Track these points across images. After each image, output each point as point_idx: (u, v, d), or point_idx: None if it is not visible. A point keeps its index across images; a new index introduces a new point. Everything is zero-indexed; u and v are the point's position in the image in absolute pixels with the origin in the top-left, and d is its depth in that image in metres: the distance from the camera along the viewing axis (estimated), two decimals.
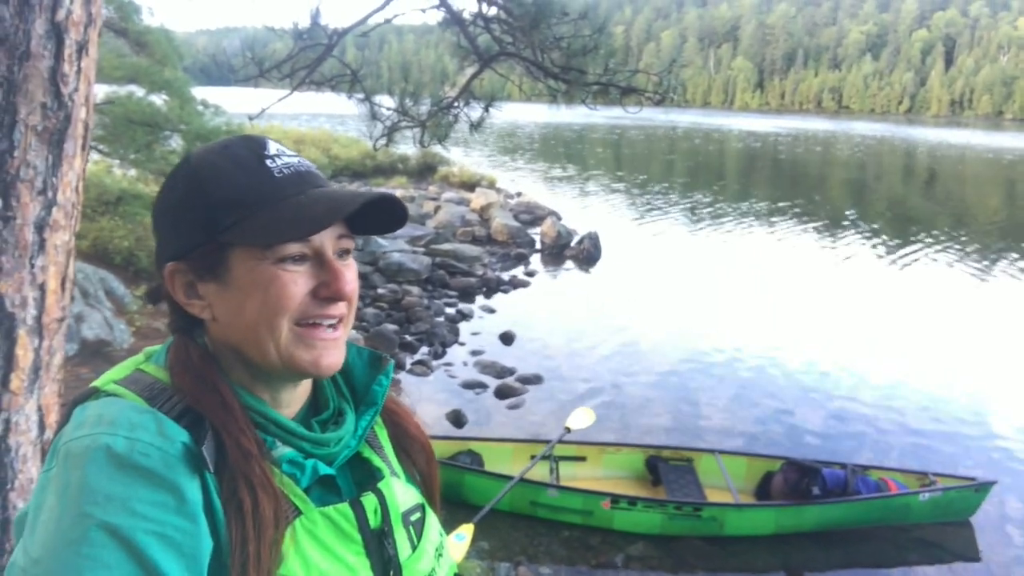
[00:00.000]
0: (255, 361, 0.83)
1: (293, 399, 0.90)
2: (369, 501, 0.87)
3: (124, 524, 0.67)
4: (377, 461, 0.94)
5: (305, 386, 0.91)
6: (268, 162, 0.83)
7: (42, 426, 1.97)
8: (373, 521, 0.86)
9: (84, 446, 0.71)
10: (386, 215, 0.89)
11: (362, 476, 0.92)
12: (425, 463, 1.02)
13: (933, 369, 8.59)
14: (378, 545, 0.86)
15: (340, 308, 0.85)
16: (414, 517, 0.93)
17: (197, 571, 0.70)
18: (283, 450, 0.83)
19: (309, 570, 0.78)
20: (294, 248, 0.81)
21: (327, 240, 0.84)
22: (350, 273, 0.85)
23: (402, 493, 0.93)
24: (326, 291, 0.83)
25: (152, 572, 0.67)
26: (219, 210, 0.81)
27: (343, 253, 0.86)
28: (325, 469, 0.85)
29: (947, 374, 8.45)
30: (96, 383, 0.81)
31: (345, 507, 0.85)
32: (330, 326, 0.85)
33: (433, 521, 0.96)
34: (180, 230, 0.83)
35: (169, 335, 0.90)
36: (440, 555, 0.94)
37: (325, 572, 0.79)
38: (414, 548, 0.90)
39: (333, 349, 0.85)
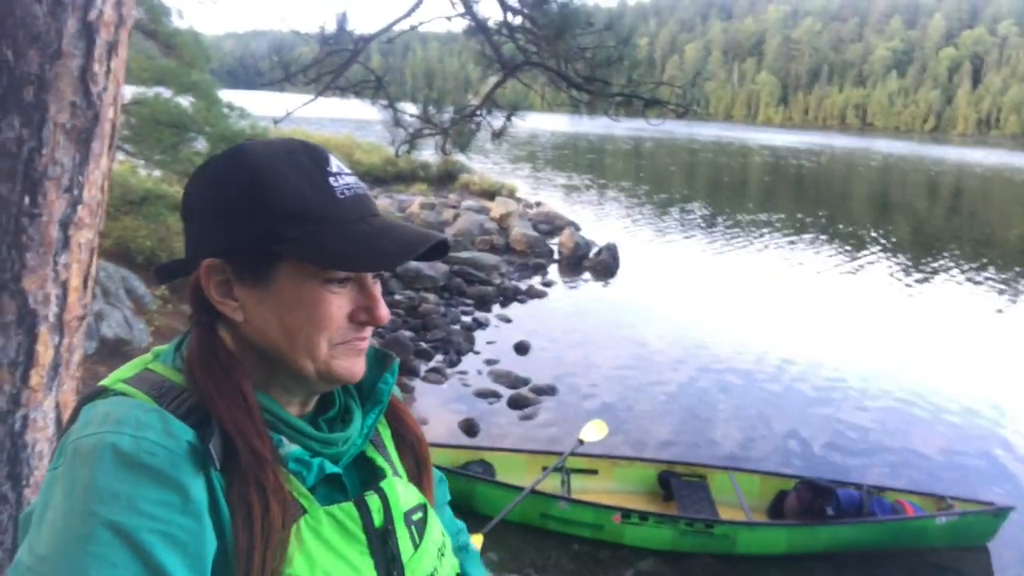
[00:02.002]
0: (286, 367, 0.84)
1: (303, 399, 0.90)
2: (372, 500, 0.87)
3: (130, 523, 0.67)
4: (380, 460, 0.94)
5: None
6: (331, 180, 0.83)
7: (59, 423, 1.98)
8: (376, 520, 0.86)
9: (91, 445, 0.71)
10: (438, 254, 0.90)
11: (365, 475, 0.92)
12: (417, 459, 1.02)
13: (953, 391, 8.47)
14: (382, 544, 0.86)
15: (371, 330, 0.88)
16: (416, 516, 0.92)
17: (202, 570, 0.71)
18: (290, 448, 0.83)
19: (314, 569, 0.78)
20: (344, 272, 0.82)
21: None
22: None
23: (404, 492, 0.92)
24: (365, 316, 0.85)
25: (157, 571, 0.67)
26: (281, 220, 0.79)
27: (375, 276, 0.87)
28: (331, 468, 0.86)
29: (967, 396, 8.33)
30: (104, 382, 0.81)
31: (350, 506, 0.85)
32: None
33: (435, 521, 0.96)
34: (230, 228, 0.81)
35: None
36: (443, 555, 0.94)
37: (329, 571, 0.79)
38: (416, 547, 0.90)
39: (363, 357, 0.88)
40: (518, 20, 5.06)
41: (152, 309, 7.34)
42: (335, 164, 0.85)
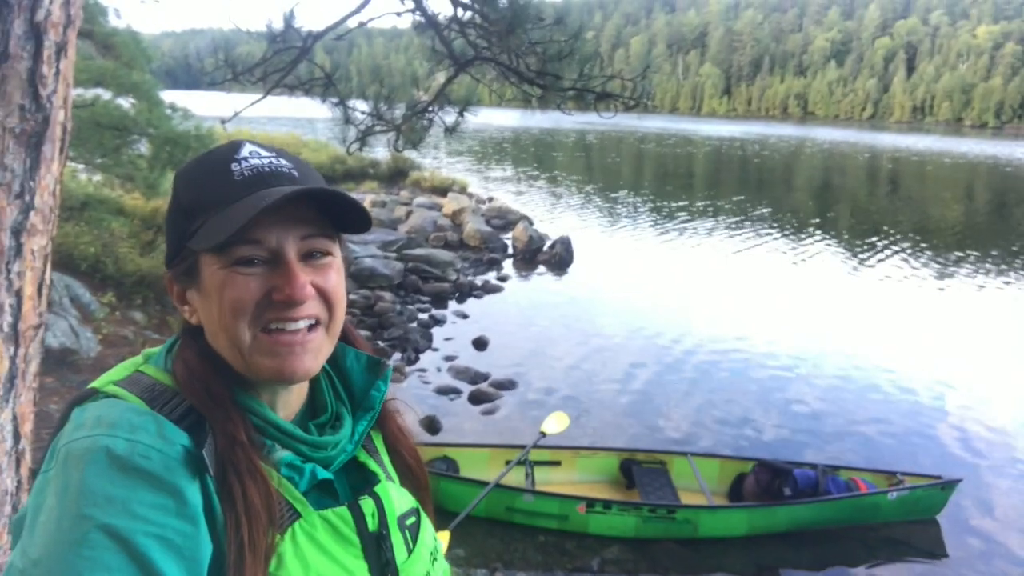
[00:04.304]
0: (232, 365, 0.83)
1: (289, 402, 0.89)
2: (367, 505, 0.87)
3: (124, 526, 0.67)
4: (373, 465, 0.94)
5: (301, 389, 0.91)
6: (233, 165, 0.82)
7: (17, 436, 1.93)
8: (371, 525, 0.86)
9: (84, 447, 0.71)
10: (351, 212, 0.84)
11: (358, 480, 0.92)
12: (416, 472, 1.03)
13: (899, 369, 8.74)
14: (376, 548, 0.86)
15: (306, 310, 0.82)
16: (409, 521, 0.93)
17: (197, 574, 0.70)
18: (282, 453, 0.83)
19: (308, 573, 0.78)
20: (245, 250, 0.79)
21: (288, 241, 0.81)
22: (316, 276, 0.83)
23: (398, 497, 0.93)
24: (278, 295, 0.80)
25: (152, 574, 0.67)
26: (186, 217, 0.82)
27: (316, 254, 0.83)
28: (323, 473, 0.85)
29: (913, 374, 8.61)
30: (95, 384, 0.81)
31: (344, 510, 0.85)
32: (306, 328, 0.82)
33: (428, 525, 0.96)
34: (167, 238, 0.86)
35: (148, 342, 0.89)
36: (435, 559, 0.95)
37: (324, 575, 0.79)
38: (410, 552, 0.90)
39: (301, 354, 0.82)
40: (468, 15, 5.05)
41: (99, 317, 7.14)
42: (247, 150, 0.84)
